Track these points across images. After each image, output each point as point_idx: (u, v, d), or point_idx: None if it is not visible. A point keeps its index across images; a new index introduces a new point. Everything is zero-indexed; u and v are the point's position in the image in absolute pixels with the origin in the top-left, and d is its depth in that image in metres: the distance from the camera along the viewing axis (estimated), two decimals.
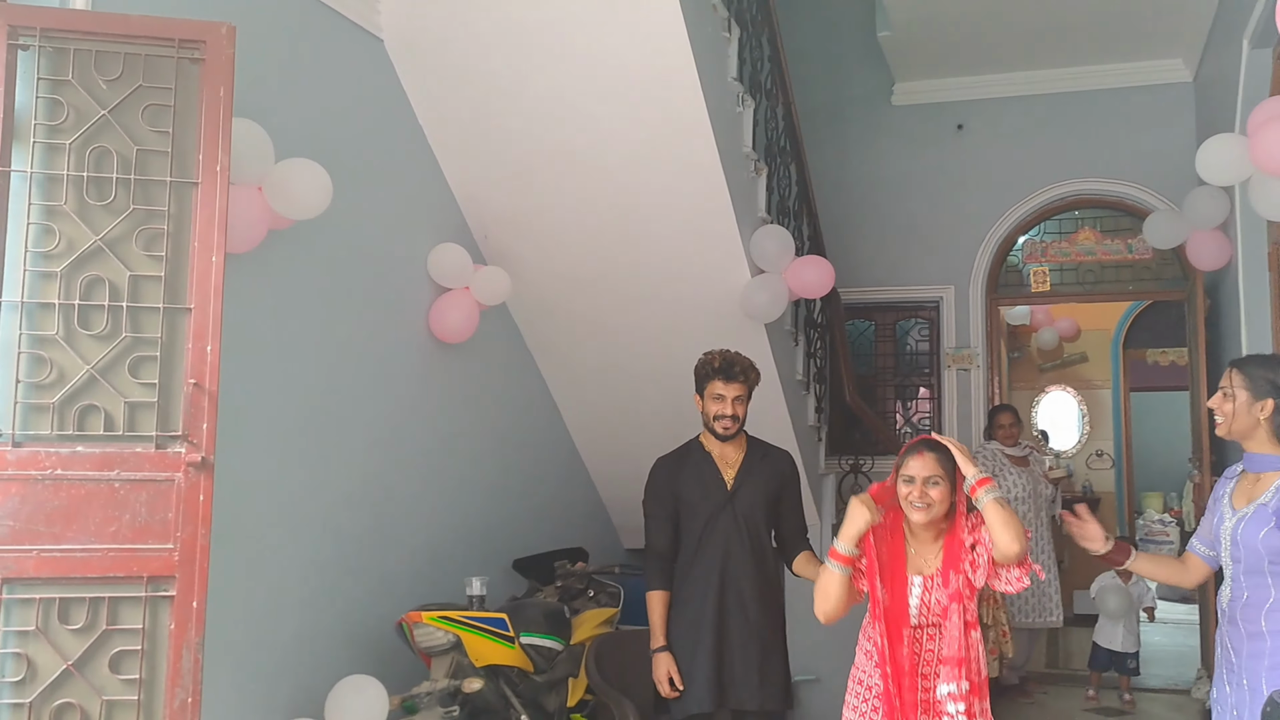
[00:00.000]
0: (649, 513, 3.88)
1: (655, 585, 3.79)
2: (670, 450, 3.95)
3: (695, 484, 3.81)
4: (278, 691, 3.60)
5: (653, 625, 3.76)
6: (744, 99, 5.07)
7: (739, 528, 3.77)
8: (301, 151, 3.52)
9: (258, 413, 3.54)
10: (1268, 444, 2.98)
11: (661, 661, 3.72)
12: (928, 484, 2.98)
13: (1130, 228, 7.37)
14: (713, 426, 3.81)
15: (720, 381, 3.78)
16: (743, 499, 3.79)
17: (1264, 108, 3.81)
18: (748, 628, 3.72)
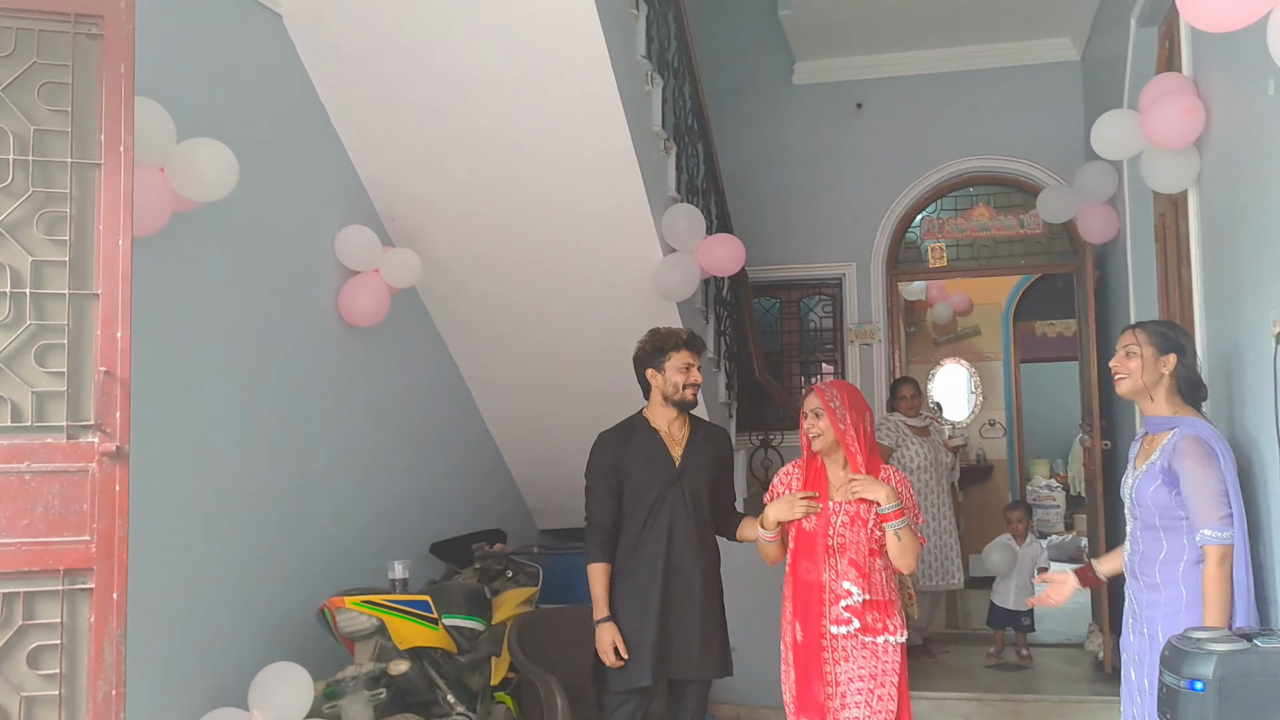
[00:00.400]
0: (592, 487, 3.86)
1: (597, 558, 3.78)
2: (611, 426, 3.94)
3: (643, 461, 3.83)
4: (200, 682, 3.54)
5: (595, 597, 3.76)
6: (652, 77, 5.08)
7: (686, 504, 3.82)
8: (202, 132, 3.43)
9: (167, 400, 3.46)
10: (1165, 404, 3.12)
11: (606, 632, 3.71)
12: (814, 415, 3.54)
13: (1022, 203, 7.60)
14: (680, 396, 3.84)
15: (688, 351, 3.84)
16: (690, 476, 3.85)
17: (1155, 84, 3.96)
18: (692, 603, 3.79)
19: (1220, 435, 3.04)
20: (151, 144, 3.12)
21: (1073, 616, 7.51)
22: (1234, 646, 2.70)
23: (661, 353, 3.84)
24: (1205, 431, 3.02)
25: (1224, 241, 3.59)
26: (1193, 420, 3.07)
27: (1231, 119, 3.47)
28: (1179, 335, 3.17)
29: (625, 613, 3.75)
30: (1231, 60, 3.40)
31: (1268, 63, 2.64)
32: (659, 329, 3.92)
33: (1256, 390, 3.14)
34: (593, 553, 3.79)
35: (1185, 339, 3.18)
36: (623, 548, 3.82)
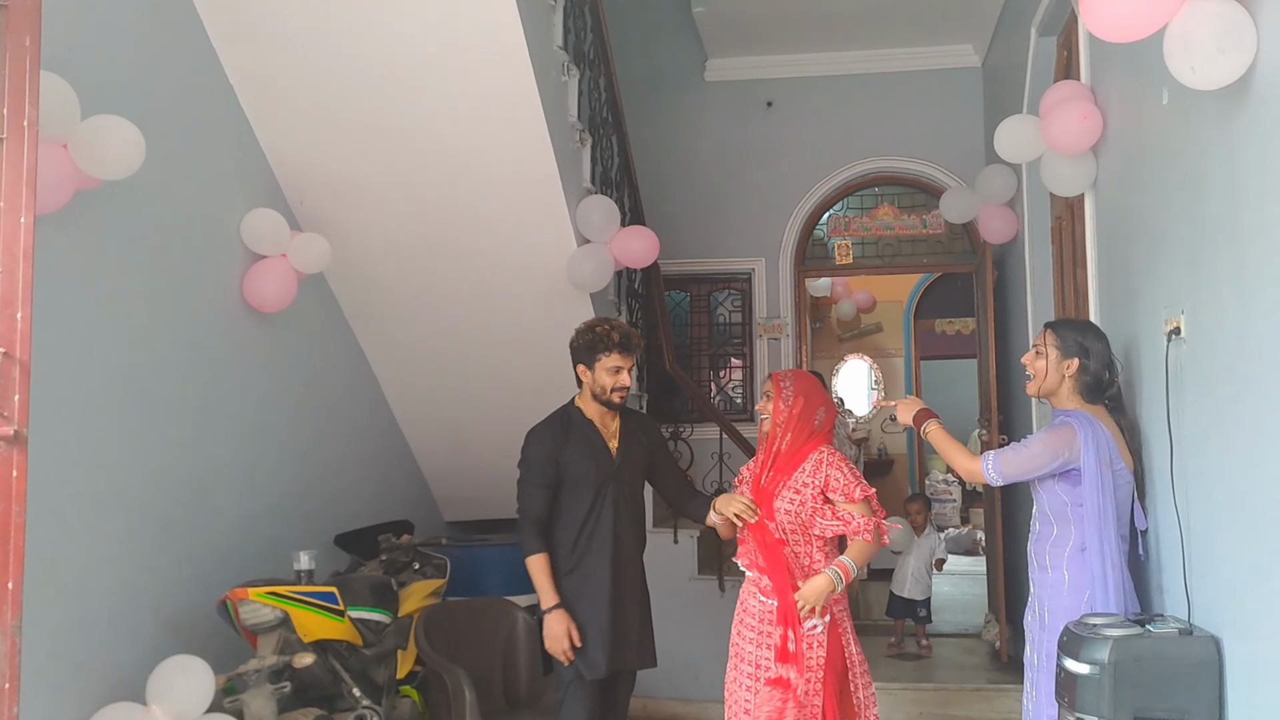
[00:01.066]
0: (527, 479, 3.80)
1: (536, 549, 3.74)
2: (545, 417, 3.91)
3: (584, 454, 3.82)
4: (96, 675, 3.45)
5: (541, 587, 3.73)
6: (569, 68, 5.08)
7: (626, 497, 3.86)
8: (105, 109, 3.33)
9: (65, 384, 3.36)
10: (1069, 402, 3.31)
11: (559, 620, 3.68)
12: (765, 397, 3.69)
13: (925, 204, 7.78)
14: (608, 398, 3.82)
15: (619, 354, 3.80)
16: (628, 468, 3.88)
17: (1054, 91, 4.08)
18: (634, 594, 3.86)
19: (1103, 430, 3.19)
20: (55, 120, 3.02)
21: (970, 607, 7.74)
22: (1128, 632, 2.83)
23: (593, 352, 3.81)
24: (1082, 422, 3.19)
25: (1118, 243, 3.73)
26: (1080, 413, 3.24)
27: (1127, 126, 3.61)
28: (1088, 339, 3.32)
29: (575, 605, 3.74)
30: (1127, 70, 3.53)
31: (1162, 73, 2.75)
32: (596, 324, 3.87)
33: (1150, 386, 3.28)
34: (531, 544, 3.75)
35: (1094, 341, 3.32)
36: (563, 541, 3.79)
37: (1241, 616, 2.67)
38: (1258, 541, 2.52)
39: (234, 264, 4.39)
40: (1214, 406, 2.78)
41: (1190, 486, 2.96)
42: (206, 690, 3.46)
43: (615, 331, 3.83)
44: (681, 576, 6.16)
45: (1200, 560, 2.91)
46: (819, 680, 3.47)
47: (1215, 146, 2.72)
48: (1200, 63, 2.43)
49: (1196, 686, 2.74)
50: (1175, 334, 3.00)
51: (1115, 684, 2.76)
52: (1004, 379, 6.33)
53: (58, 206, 3.18)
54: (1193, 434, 2.93)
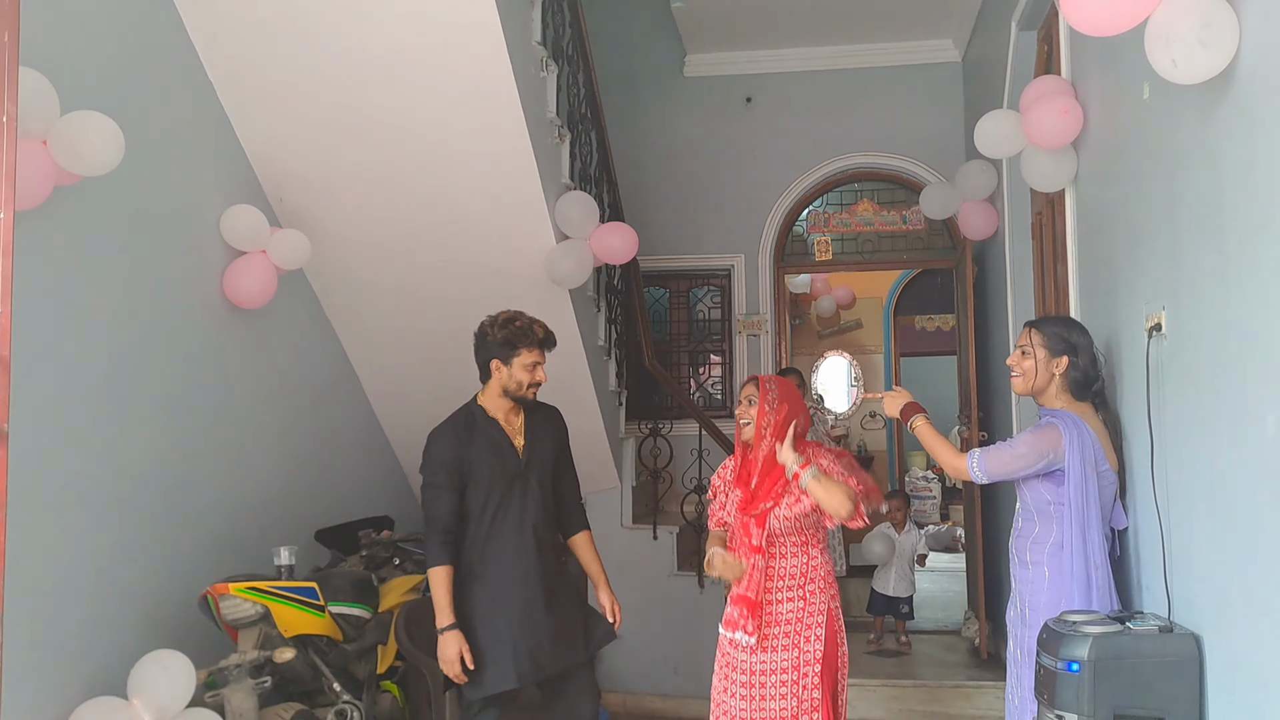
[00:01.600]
0: (433, 484, 3.63)
1: (441, 560, 3.56)
2: (446, 418, 3.79)
3: (489, 455, 3.66)
4: (77, 669, 3.43)
5: (439, 603, 3.53)
6: (548, 64, 5.06)
7: (535, 495, 3.70)
8: (84, 105, 3.31)
9: (45, 380, 3.34)
10: (1058, 400, 3.31)
11: (453, 641, 3.50)
12: (748, 402, 3.65)
13: (905, 200, 7.80)
14: (523, 395, 3.70)
15: (539, 350, 3.70)
16: (535, 465, 3.73)
17: (1035, 86, 4.10)
18: (560, 593, 3.71)
19: (1088, 430, 3.20)
20: (34, 115, 3.00)
21: (949, 604, 7.77)
22: (1107, 629, 2.84)
23: (512, 347, 3.66)
24: (1068, 423, 3.19)
25: (1099, 238, 3.75)
26: (1067, 414, 3.24)
27: (1107, 121, 3.62)
28: (1074, 335, 3.33)
29: (482, 614, 3.58)
30: (1108, 64, 3.55)
31: (1142, 67, 2.76)
32: (514, 318, 3.72)
33: (1131, 382, 3.29)
34: (436, 555, 3.56)
35: (1080, 337, 3.33)
36: (470, 546, 3.63)
37: (1222, 613, 2.68)
38: (1238, 538, 2.54)
39: (214, 260, 4.36)
40: (1194, 402, 2.80)
41: (1170, 483, 2.97)
42: (187, 685, 3.45)
43: (537, 326, 3.71)
44: (660, 573, 6.18)
45: (1180, 557, 2.92)
46: (816, 674, 3.50)
47: (1196, 141, 2.73)
48: (1181, 56, 2.44)
49: (1176, 684, 2.75)
50: (1156, 330, 3.02)
51: (1095, 681, 2.77)
52: (984, 375, 6.36)
53: (37, 203, 3.16)
54: (1173, 430, 2.95)
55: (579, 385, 5.65)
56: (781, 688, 3.54)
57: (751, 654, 3.53)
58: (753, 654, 3.53)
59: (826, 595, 3.59)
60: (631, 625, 4.41)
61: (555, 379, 3.93)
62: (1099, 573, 3.12)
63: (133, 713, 3.33)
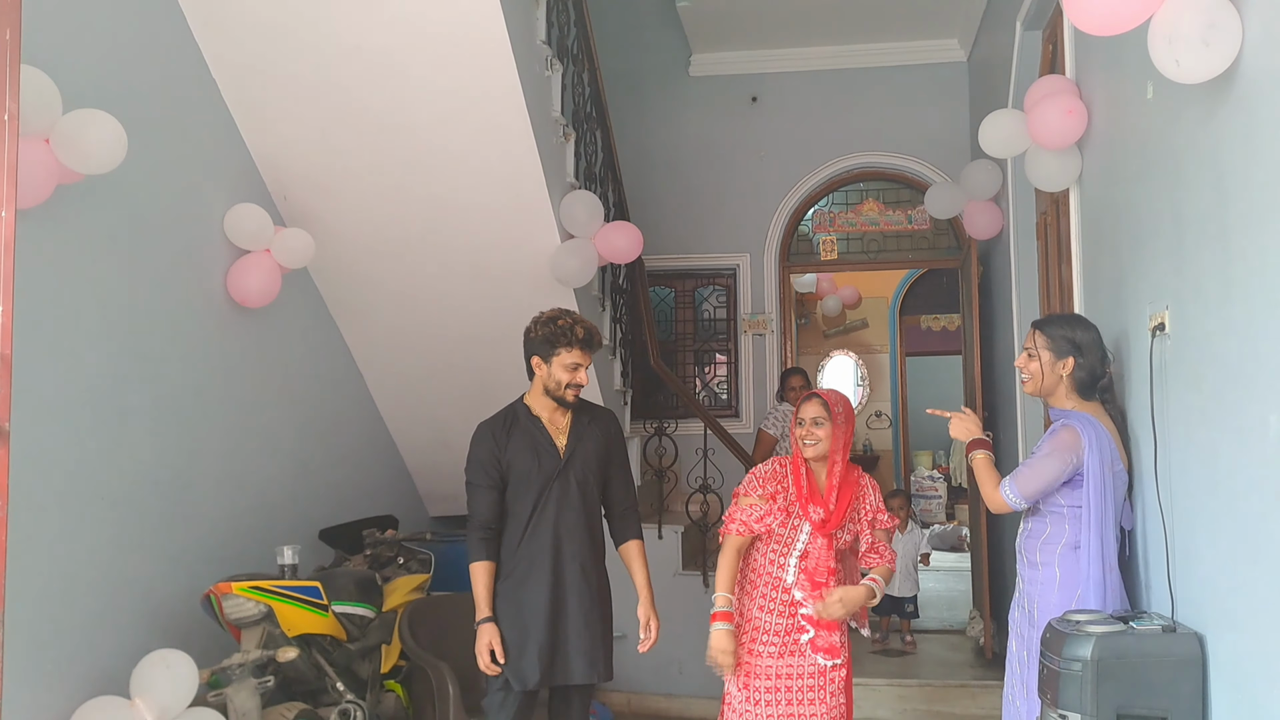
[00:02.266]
0: (473, 481, 3.63)
1: (480, 556, 3.56)
2: (492, 415, 3.75)
3: (527, 452, 3.62)
4: (80, 668, 3.44)
5: (478, 597, 3.54)
6: (552, 63, 5.07)
7: (574, 497, 3.64)
8: (87, 103, 3.32)
9: (47, 378, 3.35)
10: (1067, 400, 3.28)
11: (485, 633, 3.50)
12: (813, 423, 3.57)
13: (910, 199, 7.79)
14: (562, 395, 3.64)
15: (580, 351, 3.62)
16: (576, 466, 3.67)
17: (1039, 86, 4.09)
18: (581, 604, 3.61)
19: (1103, 430, 3.17)
20: (37, 114, 3.01)
21: (954, 604, 7.77)
22: (1111, 629, 2.82)
23: (552, 346, 3.62)
24: (1084, 424, 3.15)
25: (1103, 238, 3.74)
26: (1082, 414, 3.21)
27: (1112, 120, 3.61)
28: (1078, 334, 3.28)
29: (510, 612, 3.56)
30: (1112, 64, 3.53)
31: (1146, 67, 2.76)
32: (559, 316, 3.68)
33: (1135, 382, 3.29)
34: (475, 551, 3.58)
35: (1085, 335, 3.28)
36: (507, 544, 3.62)
37: (1225, 613, 2.67)
38: (1242, 538, 2.53)
39: (218, 259, 4.37)
40: (1197, 402, 2.79)
41: (1174, 482, 2.96)
42: (190, 684, 3.46)
43: (579, 326, 3.65)
44: (665, 572, 6.16)
45: (1184, 556, 2.91)
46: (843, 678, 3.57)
47: (1200, 140, 2.72)
48: (1185, 55, 2.43)
49: (1180, 683, 2.74)
50: (1160, 329, 3.00)
51: (1098, 681, 2.76)
52: (989, 375, 6.34)
53: (39, 201, 3.17)
54: (1177, 430, 2.94)
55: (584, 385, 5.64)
56: (810, 693, 3.56)
57: (778, 659, 3.55)
58: (779, 659, 3.55)
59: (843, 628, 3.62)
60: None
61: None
62: (1112, 574, 3.10)
63: (135, 712, 3.33)
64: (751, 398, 7.72)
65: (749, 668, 3.58)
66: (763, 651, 3.58)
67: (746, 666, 3.59)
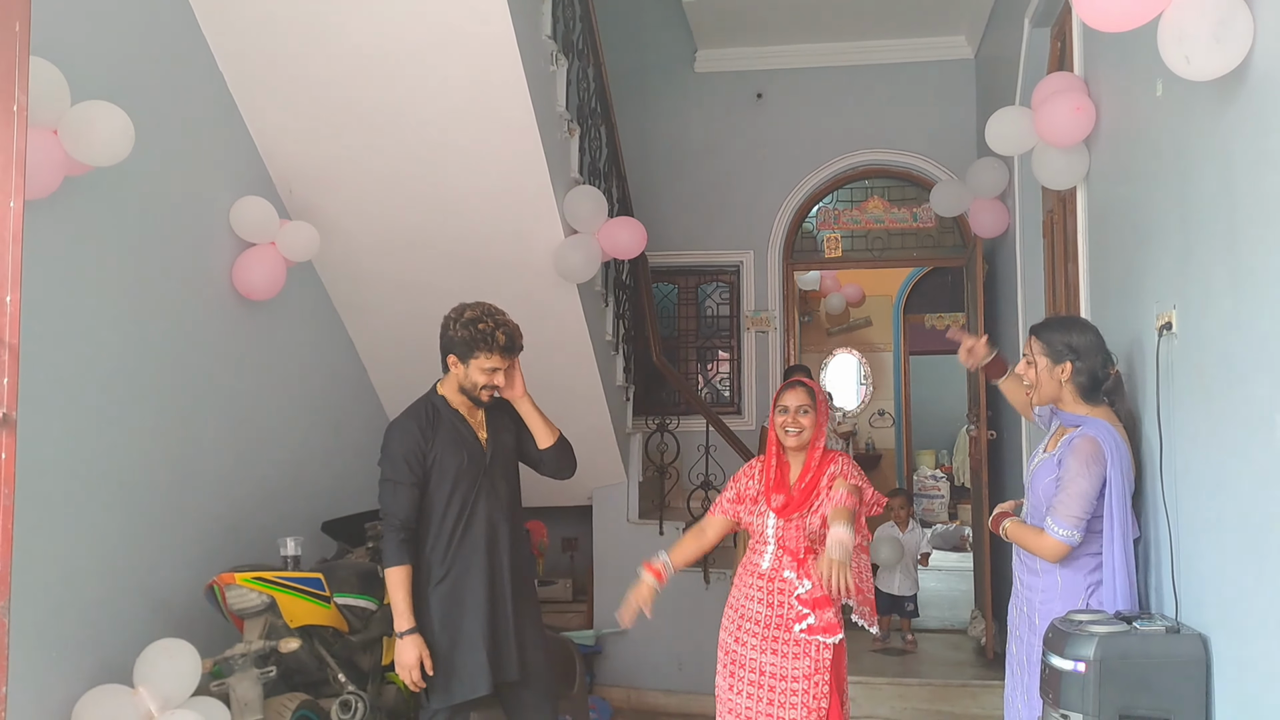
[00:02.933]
0: (393, 478, 3.46)
1: (401, 560, 3.39)
2: (406, 408, 3.65)
3: (455, 447, 3.51)
4: (84, 657, 3.44)
5: (398, 605, 3.37)
6: (557, 57, 5.05)
7: (501, 491, 3.58)
8: (95, 95, 3.31)
9: (53, 368, 3.34)
10: (1072, 404, 3.21)
11: (413, 646, 3.35)
12: (800, 412, 3.59)
13: (915, 197, 7.78)
14: (477, 395, 3.54)
15: (500, 357, 3.50)
16: (500, 459, 3.60)
17: (1047, 83, 4.08)
18: (520, 599, 3.57)
19: (1120, 438, 3.11)
20: (45, 105, 3.01)
21: (956, 603, 7.76)
22: (1114, 629, 2.81)
23: (470, 349, 3.48)
24: (1104, 433, 3.08)
25: (1110, 237, 3.73)
26: (1097, 421, 3.12)
27: (1120, 118, 3.60)
28: (1074, 337, 3.19)
29: (451, 617, 3.44)
30: (1121, 61, 3.53)
31: (1156, 64, 2.75)
32: (481, 319, 3.50)
33: (1141, 382, 3.27)
34: (395, 554, 3.40)
35: (1082, 338, 3.19)
36: (434, 545, 3.49)
37: (1230, 614, 2.66)
38: (1247, 538, 2.52)
39: (223, 251, 4.37)
40: (1204, 402, 2.78)
41: (1179, 482, 2.95)
42: (193, 673, 3.46)
43: (500, 331, 3.48)
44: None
45: (1188, 557, 2.90)
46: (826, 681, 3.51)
47: (1208, 138, 2.71)
48: (1195, 52, 2.42)
49: (1183, 685, 2.73)
50: (1166, 329, 3.00)
51: (1101, 681, 2.75)
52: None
53: (47, 192, 3.17)
54: (1183, 430, 2.93)
55: (586, 380, 5.64)
56: (794, 696, 3.52)
57: (761, 652, 3.54)
58: (763, 653, 3.54)
59: (837, 603, 3.59)
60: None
61: (563, 372, 3.93)
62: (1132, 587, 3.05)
63: (138, 700, 3.34)
64: (754, 395, 7.72)
65: (735, 656, 3.61)
66: (748, 641, 3.58)
67: (732, 655, 3.62)
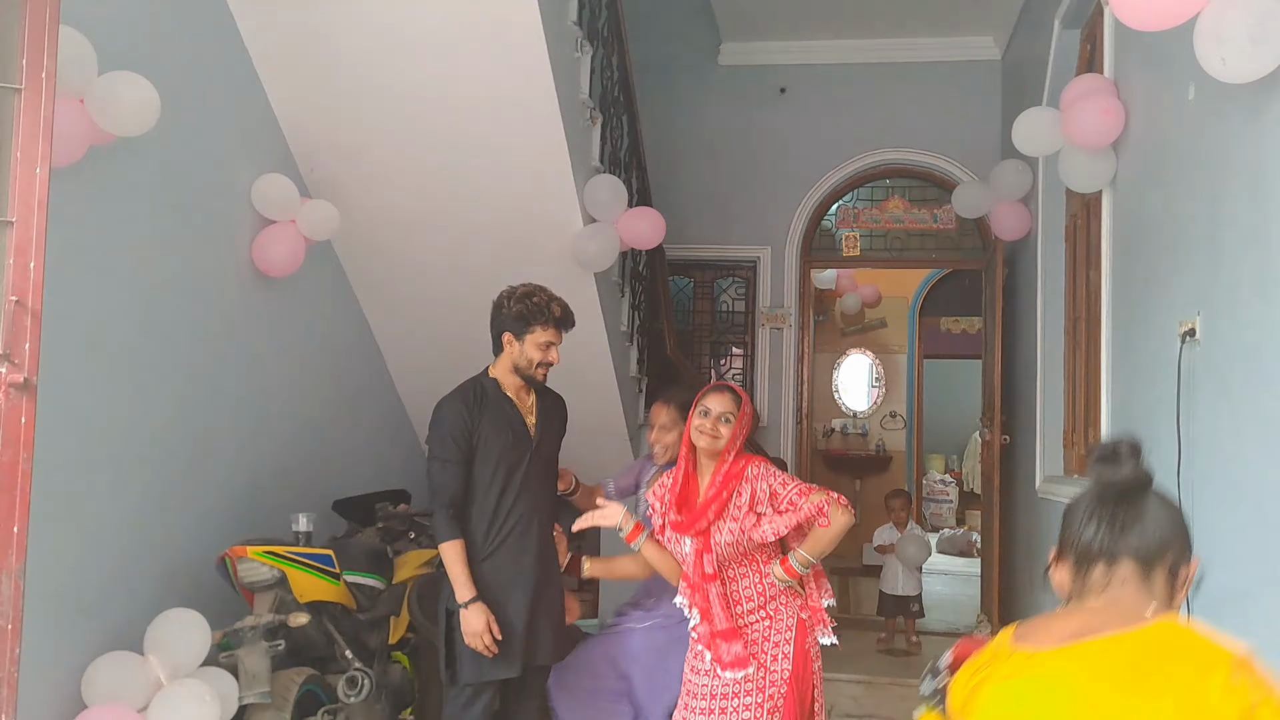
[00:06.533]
0: (441, 456, 3.50)
1: (453, 534, 3.44)
2: (455, 388, 3.69)
3: (502, 429, 3.54)
4: (96, 623, 3.45)
5: (457, 577, 3.42)
6: (582, 44, 5.04)
7: (543, 478, 3.62)
8: (121, 66, 3.32)
9: (74, 336, 3.36)
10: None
11: (479, 614, 3.38)
12: (723, 421, 3.20)
13: (936, 198, 7.73)
14: (532, 373, 3.57)
15: (555, 329, 3.56)
16: (544, 447, 3.64)
17: (1077, 84, 4.06)
18: (551, 583, 3.61)
19: None
20: (72, 74, 3.01)
21: (960, 608, 7.75)
22: None
23: (526, 322, 3.53)
24: None
25: (1135, 243, 3.71)
26: None
27: (1150, 122, 3.58)
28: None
29: (489, 595, 3.44)
30: (1153, 64, 3.50)
31: (1190, 67, 2.73)
32: (533, 292, 3.58)
33: (1160, 388, 3.26)
34: (447, 529, 3.45)
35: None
36: (478, 524, 3.52)
37: (1247, 627, 2.63)
38: (1267, 549, 2.50)
39: (244, 227, 4.38)
40: (1227, 410, 2.76)
41: (1197, 491, 2.94)
42: (202, 644, 3.48)
43: (555, 304, 3.55)
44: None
45: (1204, 567, 2.87)
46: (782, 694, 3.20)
47: (1241, 143, 2.69)
48: (1231, 54, 2.40)
49: None
50: (1189, 335, 2.98)
51: None
52: (1009, 379, 6.31)
53: (72, 161, 3.18)
54: (1203, 437, 2.91)
55: (600, 370, 5.63)
56: (746, 712, 3.19)
57: (712, 677, 3.20)
58: (714, 677, 3.20)
59: (793, 609, 3.28)
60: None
61: (576, 362, 3.91)
62: None
63: (148, 668, 3.36)
64: (767, 391, 7.69)
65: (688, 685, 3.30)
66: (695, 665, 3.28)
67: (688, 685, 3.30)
